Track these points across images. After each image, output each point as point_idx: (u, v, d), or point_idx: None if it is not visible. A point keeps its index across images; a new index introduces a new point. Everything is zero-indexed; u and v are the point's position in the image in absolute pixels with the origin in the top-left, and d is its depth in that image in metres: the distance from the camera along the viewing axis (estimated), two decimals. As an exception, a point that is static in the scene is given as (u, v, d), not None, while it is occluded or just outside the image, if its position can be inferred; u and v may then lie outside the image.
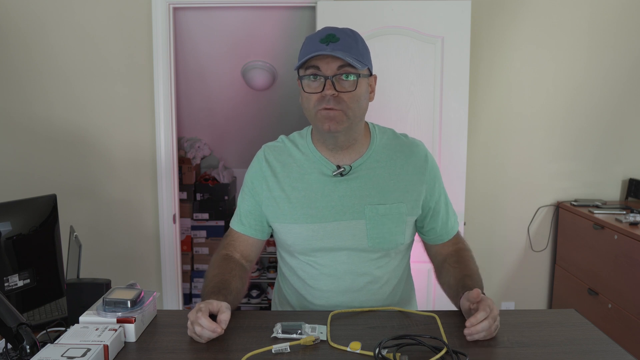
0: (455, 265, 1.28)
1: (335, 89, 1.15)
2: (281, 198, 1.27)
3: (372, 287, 1.28)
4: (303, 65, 1.18)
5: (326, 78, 1.15)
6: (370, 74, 1.24)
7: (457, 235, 1.38)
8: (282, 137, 1.36)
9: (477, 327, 1.04)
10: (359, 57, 1.17)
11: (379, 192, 1.25)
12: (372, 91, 1.26)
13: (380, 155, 1.29)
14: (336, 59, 1.15)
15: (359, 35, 1.22)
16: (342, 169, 1.25)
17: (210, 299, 1.11)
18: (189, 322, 1.06)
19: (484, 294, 1.13)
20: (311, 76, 1.17)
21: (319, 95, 1.17)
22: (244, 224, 1.33)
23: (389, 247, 1.27)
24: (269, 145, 1.34)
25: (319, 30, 1.20)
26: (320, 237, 1.25)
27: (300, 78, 1.20)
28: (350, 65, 1.15)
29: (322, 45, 1.15)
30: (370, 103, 1.27)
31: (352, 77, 1.16)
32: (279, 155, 1.31)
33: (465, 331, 1.04)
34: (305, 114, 1.23)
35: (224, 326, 1.05)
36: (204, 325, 1.03)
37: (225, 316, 1.06)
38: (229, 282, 1.20)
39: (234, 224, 1.35)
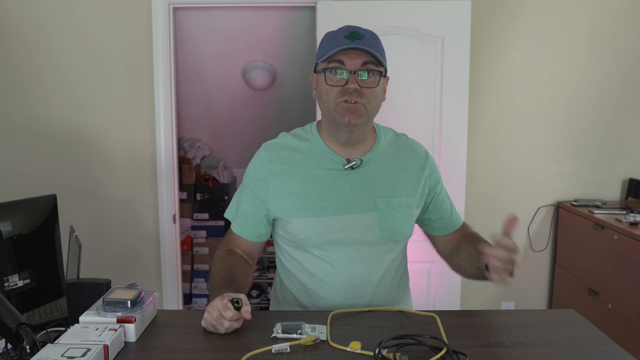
0: (473, 240, 1.30)
1: (358, 83, 1.18)
2: (290, 194, 1.26)
3: (382, 280, 1.30)
4: (326, 59, 1.20)
5: (350, 72, 1.18)
6: (385, 75, 1.26)
7: (465, 224, 1.42)
8: (283, 133, 1.35)
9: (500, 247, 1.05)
10: (381, 56, 1.20)
11: (389, 185, 1.28)
12: (385, 92, 1.29)
13: (386, 151, 1.32)
14: (360, 55, 1.18)
15: (378, 37, 1.25)
16: (354, 162, 1.26)
17: (220, 292, 1.13)
18: (208, 315, 1.07)
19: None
20: (335, 69, 1.19)
21: (341, 89, 1.19)
22: (242, 226, 1.33)
23: (399, 239, 1.30)
24: (270, 143, 1.33)
25: (341, 28, 1.23)
26: (334, 230, 1.24)
27: (321, 71, 1.21)
28: (373, 62, 1.18)
29: (348, 41, 1.17)
30: None
31: (374, 74, 1.19)
32: (282, 152, 1.30)
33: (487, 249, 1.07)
34: (322, 107, 1.25)
35: (249, 317, 1.07)
36: (229, 319, 1.05)
37: (248, 307, 1.08)
38: (235, 276, 1.22)
39: (234, 226, 1.35)
